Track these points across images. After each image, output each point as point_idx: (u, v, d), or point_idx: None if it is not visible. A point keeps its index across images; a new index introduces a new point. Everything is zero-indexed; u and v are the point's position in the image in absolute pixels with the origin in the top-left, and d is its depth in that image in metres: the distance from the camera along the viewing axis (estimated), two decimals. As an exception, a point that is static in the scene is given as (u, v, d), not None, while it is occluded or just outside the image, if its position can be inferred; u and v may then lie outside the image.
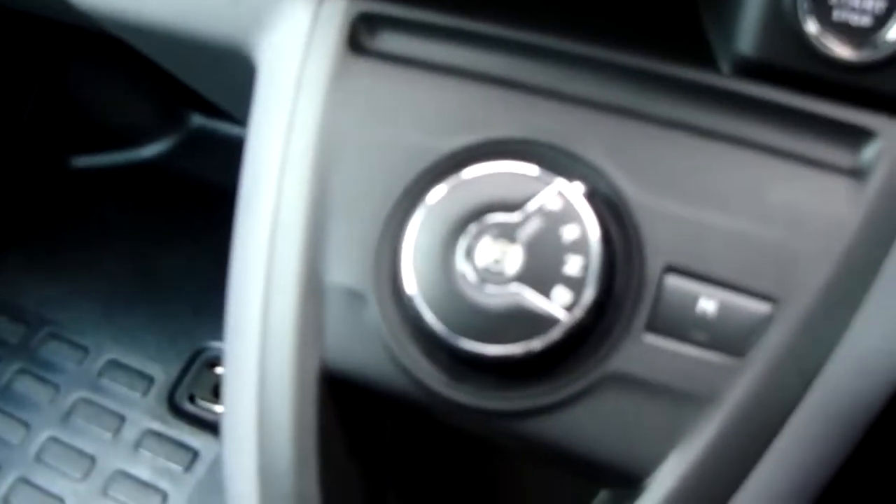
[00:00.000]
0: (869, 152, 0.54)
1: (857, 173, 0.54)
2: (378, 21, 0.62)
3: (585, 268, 0.53)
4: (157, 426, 1.45)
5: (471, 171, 0.55)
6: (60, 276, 1.63)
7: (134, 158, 1.72)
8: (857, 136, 0.54)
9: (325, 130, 0.60)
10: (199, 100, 0.98)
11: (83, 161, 1.75)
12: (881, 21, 0.52)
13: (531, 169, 0.55)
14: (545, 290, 0.53)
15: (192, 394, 1.47)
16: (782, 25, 0.53)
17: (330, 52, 0.62)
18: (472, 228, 0.54)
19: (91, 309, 1.58)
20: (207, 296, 1.50)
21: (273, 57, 0.65)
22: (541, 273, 0.53)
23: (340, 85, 0.61)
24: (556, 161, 0.56)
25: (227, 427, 0.63)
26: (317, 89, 0.61)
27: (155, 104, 1.71)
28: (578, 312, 0.52)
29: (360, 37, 0.62)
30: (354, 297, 0.58)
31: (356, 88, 0.61)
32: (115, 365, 1.52)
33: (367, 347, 0.57)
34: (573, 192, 0.54)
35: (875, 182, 0.53)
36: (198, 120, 1.72)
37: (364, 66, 0.61)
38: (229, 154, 0.67)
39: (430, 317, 0.54)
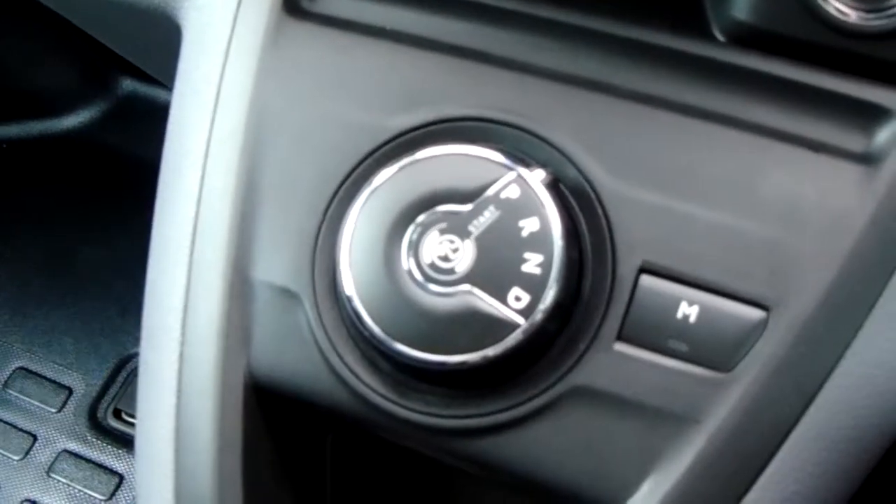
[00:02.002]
0: (883, 134, 0.56)
1: (868, 159, 0.55)
2: None
3: (546, 266, 0.54)
4: (74, 447, 1.46)
5: (420, 155, 0.57)
6: (-39, 268, 1.63)
7: (52, 129, 1.72)
8: (869, 116, 0.56)
9: (257, 105, 0.62)
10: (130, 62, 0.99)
11: (-7, 132, 1.76)
12: (898, -20, 0.53)
13: (488, 153, 0.56)
14: (500, 292, 0.54)
15: (118, 408, 1.48)
16: None
17: (263, 13, 0.63)
18: (419, 220, 0.56)
19: (-3, 307, 1.59)
20: (136, 293, 1.43)
21: (199, 18, 0.67)
22: (495, 272, 0.54)
23: (275, 52, 0.63)
24: (517, 144, 0.58)
25: (140, 445, 0.65)
26: (248, 57, 0.63)
27: (78, 66, 1.70)
28: (538, 317, 0.54)
29: (297, -4, 0.64)
30: (287, 296, 0.60)
31: (293, 56, 0.63)
32: (25, 374, 1.52)
33: (301, 354, 0.59)
34: (534, 179, 0.55)
35: (889, 169, 0.55)
36: (128, 85, 1.72)
37: (302, 31, 0.63)
38: (164, 126, 0.68)
39: (368, 320, 0.56)
